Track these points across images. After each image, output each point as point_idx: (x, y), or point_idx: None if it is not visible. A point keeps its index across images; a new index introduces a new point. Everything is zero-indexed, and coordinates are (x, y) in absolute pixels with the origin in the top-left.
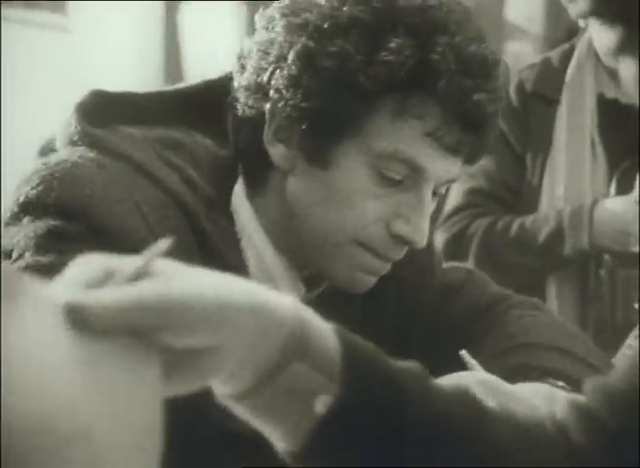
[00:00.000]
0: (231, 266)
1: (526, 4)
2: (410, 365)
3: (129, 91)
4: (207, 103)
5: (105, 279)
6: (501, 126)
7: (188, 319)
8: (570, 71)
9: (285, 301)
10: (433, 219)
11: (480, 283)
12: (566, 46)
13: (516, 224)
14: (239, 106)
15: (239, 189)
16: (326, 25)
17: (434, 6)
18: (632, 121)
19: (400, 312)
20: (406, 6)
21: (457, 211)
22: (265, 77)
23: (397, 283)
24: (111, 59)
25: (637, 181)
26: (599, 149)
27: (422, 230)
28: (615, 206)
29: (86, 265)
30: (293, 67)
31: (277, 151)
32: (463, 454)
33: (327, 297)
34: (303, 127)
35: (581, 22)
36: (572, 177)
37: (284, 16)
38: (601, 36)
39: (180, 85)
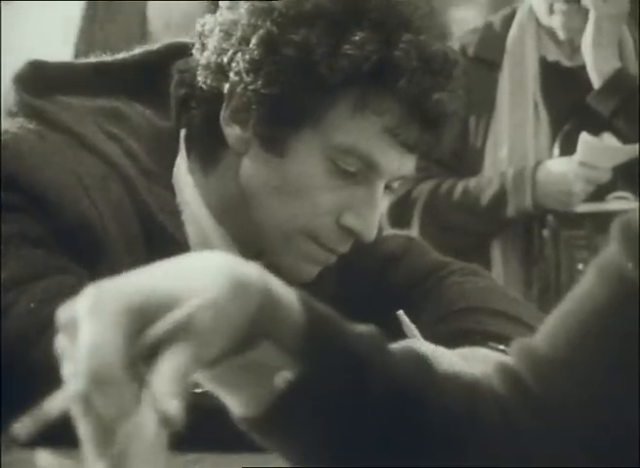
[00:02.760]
0: (172, 238)
1: None
2: (367, 330)
3: (67, 61)
4: (147, 73)
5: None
6: None
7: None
8: (511, 35)
9: (252, 270)
10: None
11: (421, 250)
12: (507, 10)
13: (460, 187)
14: (196, 83)
15: (181, 162)
16: (291, 12)
17: (401, 1)
18: (574, 83)
19: (341, 281)
20: None
21: None
22: (226, 58)
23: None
24: (46, 29)
25: (579, 142)
26: (542, 112)
27: (372, 224)
28: (557, 166)
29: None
30: (255, 52)
31: (233, 132)
32: (419, 418)
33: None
34: (261, 112)
35: None
36: (515, 140)
37: None
38: None
39: (121, 54)
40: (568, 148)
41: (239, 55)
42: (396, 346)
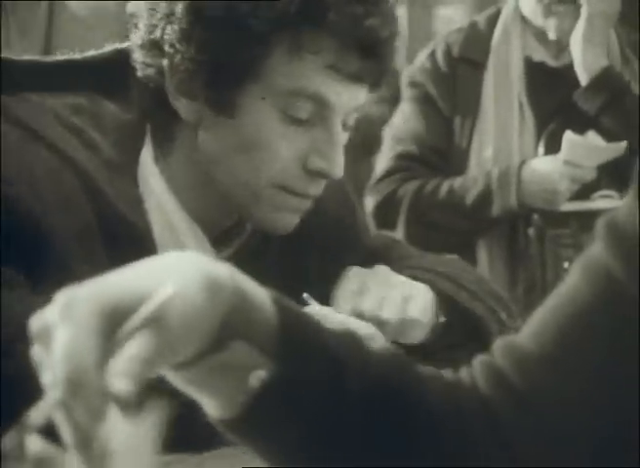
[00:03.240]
0: (134, 226)
1: None
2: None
3: (35, 58)
4: (114, 70)
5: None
6: (430, 90)
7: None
8: (496, 35)
9: (224, 270)
10: (361, 187)
11: (405, 251)
12: (492, 9)
13: (445, 186)
14: (138, 66)
15: (146, 154)
16: None
17: None
18: (559, 83)
19: (321, 277)
20: None
21: (386, 175)
22: (158, 33)
23: (319, 247)
24: None
25: (564, 141)
26: (527, 111)
27: (338, 162)
28: (542, 165)
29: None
30: (183, 21)
31: (182, 105)
32: (402, 417)
33: (239, 259)
34: (203, 78)
35: None
36: (500, 139)
37: None
38: None
39: (89, 52)
40: (553, 147)
41: (169, 27)
42: (379, 347)
